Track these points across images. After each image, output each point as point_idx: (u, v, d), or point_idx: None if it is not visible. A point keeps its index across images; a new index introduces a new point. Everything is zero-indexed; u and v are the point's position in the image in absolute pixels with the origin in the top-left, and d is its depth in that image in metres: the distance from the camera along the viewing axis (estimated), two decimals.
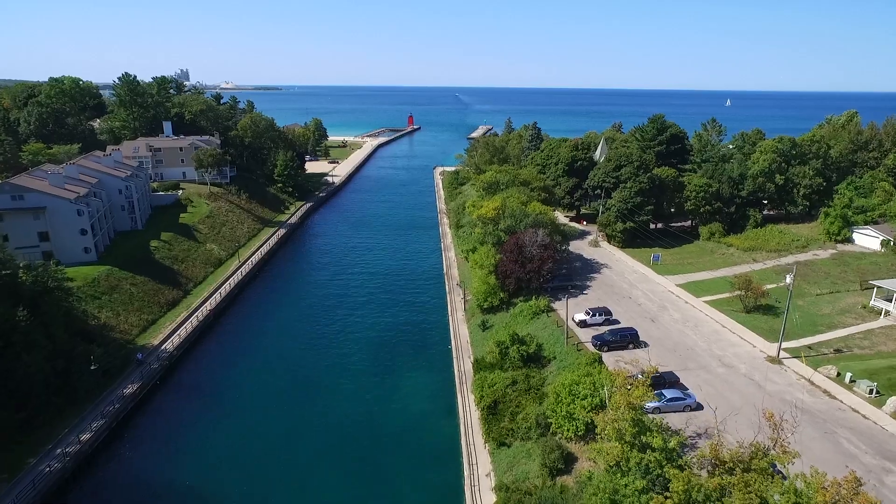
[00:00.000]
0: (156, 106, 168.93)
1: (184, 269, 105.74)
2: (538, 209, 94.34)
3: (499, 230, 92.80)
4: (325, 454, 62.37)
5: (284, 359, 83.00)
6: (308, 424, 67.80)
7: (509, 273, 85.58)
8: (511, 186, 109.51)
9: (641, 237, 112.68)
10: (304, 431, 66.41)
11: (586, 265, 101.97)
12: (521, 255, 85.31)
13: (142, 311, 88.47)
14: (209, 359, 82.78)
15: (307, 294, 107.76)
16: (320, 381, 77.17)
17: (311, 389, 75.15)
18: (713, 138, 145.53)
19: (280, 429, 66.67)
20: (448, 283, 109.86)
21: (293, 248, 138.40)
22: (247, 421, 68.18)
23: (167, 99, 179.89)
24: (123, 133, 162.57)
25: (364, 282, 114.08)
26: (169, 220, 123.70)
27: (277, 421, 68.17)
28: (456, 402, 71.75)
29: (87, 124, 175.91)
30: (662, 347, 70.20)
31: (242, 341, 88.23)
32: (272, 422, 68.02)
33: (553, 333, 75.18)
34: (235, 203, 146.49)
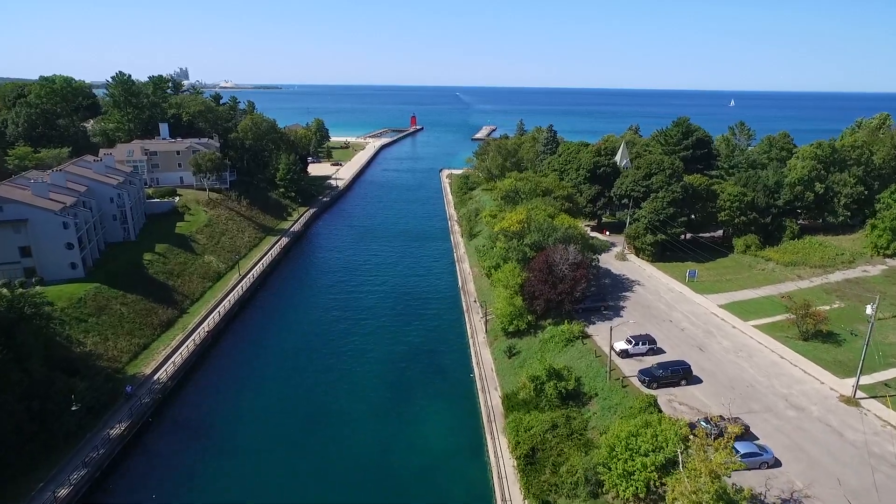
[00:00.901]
0: (152, 107, 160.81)
1: (180, 285, 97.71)
2: (567, 222, 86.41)
3: (524, 245, 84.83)
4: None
5: (289, 388, 75.06)
6: (316, 466, 60.00)
7: (538, 294, 77.68)
8: (533, 196, 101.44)
9: (671, 250, 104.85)
10: (313, 474, 58.61)
11: (616, 282, 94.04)
12: (551, 274, 77.39)
13: (133, 334, 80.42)
14: (207, 390, 74.74)
15: (312, 311, 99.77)
16: (329, 415, 69.28)
17: (318, 425, 67.23)
18: (740, 142, 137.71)
19: (286, 471, 58.83)
20: (465, 299, 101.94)
21: (297, 260, 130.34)
22: (248, 463, 60.30)
23: (164, 99, 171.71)
24: (117, 135, 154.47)
25: (373, 298, 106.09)
26: (164, 229, 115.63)
27: (283, 462, 60.30)
28: (483, 441, 63.93)
29: (81, 126, 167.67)
30: (718, 383, 62.29)
31: (243, 369, 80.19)
32: (277, 464, 60.12)
33: (592, 365, 67.26)
34: (235, 210, 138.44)
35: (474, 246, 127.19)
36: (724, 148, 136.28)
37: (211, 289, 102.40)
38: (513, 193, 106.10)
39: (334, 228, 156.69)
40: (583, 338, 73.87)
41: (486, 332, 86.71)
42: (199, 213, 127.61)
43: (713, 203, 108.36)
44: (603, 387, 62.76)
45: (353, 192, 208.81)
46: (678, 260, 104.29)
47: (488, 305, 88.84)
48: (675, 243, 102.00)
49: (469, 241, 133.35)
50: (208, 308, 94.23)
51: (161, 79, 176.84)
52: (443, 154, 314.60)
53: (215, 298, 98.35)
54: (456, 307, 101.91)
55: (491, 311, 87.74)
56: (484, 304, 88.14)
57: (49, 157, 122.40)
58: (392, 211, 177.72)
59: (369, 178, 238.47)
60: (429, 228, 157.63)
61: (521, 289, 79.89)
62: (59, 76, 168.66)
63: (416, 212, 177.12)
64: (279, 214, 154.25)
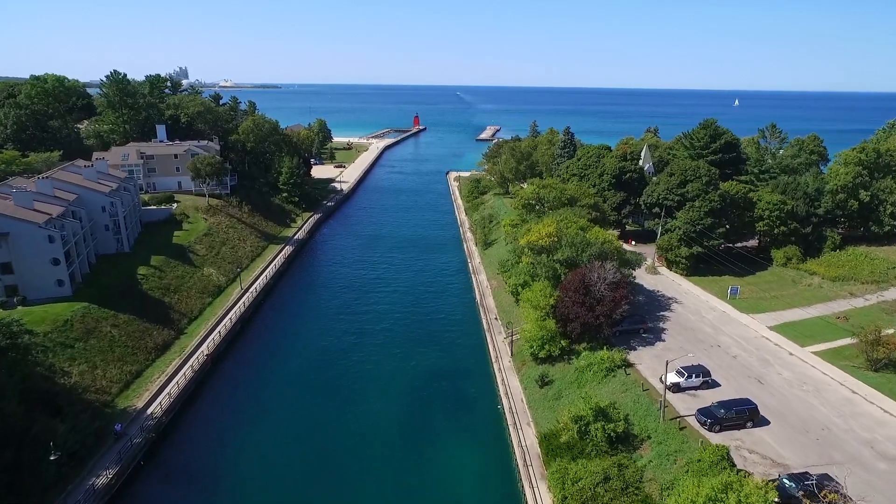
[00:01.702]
0: (148, 107, 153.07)
1: (177, 302, 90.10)
2: (601, 236, 78.79)
3: (554, 261, 77.18)
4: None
5: (295, 424, 67.44)
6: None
7: (573, 317, 70.09)
8: (558, 205, 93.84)
9: (705, 262, 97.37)
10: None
11: (652, 300, 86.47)
12: (588, 295, 69.80)
13: (124, 360, 72.79)
14: (205, 426, 67.10)
15: (317, 330, 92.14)
16: (340, 456, 61.78)
17: (328, 469, 59.68)
18: (772, 145, 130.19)
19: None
20: (484, 316, 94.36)
21: (301, 271, 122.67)
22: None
23: (161, 99, 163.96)
24: (112, 137, 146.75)
25: (384, 315, 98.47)
26: (161, 239, 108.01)
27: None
28: (519, 490, 56.38)
29: (74, 127, 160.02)
30: (788, 425, 54.72)
31: (245, 400, 72.54)
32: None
33: (640, 401, 59.70)
34: (237, 217, 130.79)
35: (491, 256, 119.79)
36: (754, 152, 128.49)
37: (210, 305, 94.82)
38: (535, 202, 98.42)
39: (340, 236, 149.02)
40: (625, 367, 66.32)
41: (512, 355, 79.15)
42: (198, 221, 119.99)
43: (750, 212, 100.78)
44: (656, 428, 55.22)
45: (357, 195, 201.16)
46: (713, 273, 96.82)
47: (513, 325, 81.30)
48: (713, 256, 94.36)
49: (484, 251, 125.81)
50: (208, 327, 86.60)
51: (158, 78, 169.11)
52: (448, 155, 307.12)
53: (215, 316, 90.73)
54: (475, 325, 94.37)
55: (517, 332, 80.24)
56: (510, 325, 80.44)
57: (38, 161, 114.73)
58: (399, 217, 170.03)
59: (374, 181, 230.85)
60: (439, 236, 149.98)
61: (553, 310, 72.34)
62: (51, 75, 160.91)
63: (424, 218, 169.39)
64: (282, 221, 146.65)
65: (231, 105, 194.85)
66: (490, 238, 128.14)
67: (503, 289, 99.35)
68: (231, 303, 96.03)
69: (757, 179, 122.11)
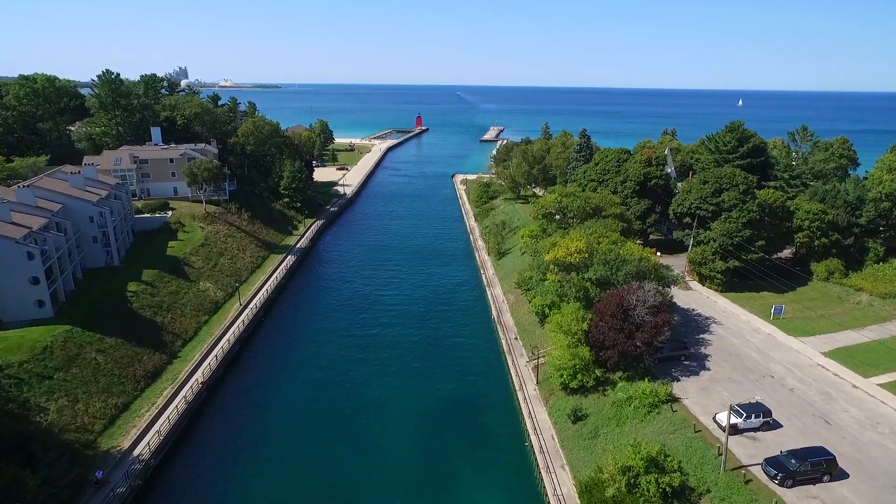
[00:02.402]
0: (143, 109, 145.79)
1: (170, 322, 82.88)
2: (636, 251, 71.59)
3: (585, 280, 69.96)
4: None
5: (296, 462, 60.39)
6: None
7: (609, 344, 62.87)
8: (583, 215, 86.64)
9: (739, 276, 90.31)
10: None
11: (688, 320, 79.24)
12: (627, 320, 62.59)
13: (110, 391, 65.59)
14: (198, 468, 59.90)
15: (321, 353, 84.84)
16: (345, 498, 54.70)
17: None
18: (803, 149, 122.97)
19: None
20: (503, 335, 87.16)
21: (304, 284, 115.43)
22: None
23: (157, 100, 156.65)
24: (104, 141, 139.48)
25: (393, 333, 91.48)
26: (154, 251, 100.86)
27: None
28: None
29: (66, 130, 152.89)
30: (870, 478, 47.49)
31: (242, 434, 65.35)
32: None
33: (694, 445, 52.48)
34: (235, 225, 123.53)
35: (505, 266, 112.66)
36: (784, 157, 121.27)
37: (207, 324, 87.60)
38: (557, 212, 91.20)
39: (343, 246, 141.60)
40: (671, 402, 59.12)
41: (538, 382, 71.97)
42: (194, 230, 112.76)
43: (788, 222, 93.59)
44: (716, 481, 48.01)
45: (360, 200, 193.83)
46: (750, 289, 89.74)
47: (538, 348, 74.11)
48: (752, 271, 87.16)
49: (498, 261, 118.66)
50: (203, 350, 79.37)
51: (154, 78, 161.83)
52: (453, 157, 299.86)
53: (212, 336, 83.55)
54: (492, 346, 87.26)
55: (542, 355, 73.08)
56: (535, 349, 73.21)
57: (23, 166, 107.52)
58: (405, 223, 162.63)
59: (377, 185, 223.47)
60: (448, 245, 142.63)
61: (586, 335, 65.16)
62: (41, 74, 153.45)
63: (431, 225, 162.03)
64: (284, 228, 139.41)
65: (230, 106, 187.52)
66: (504, 247, 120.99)
67: (522, 304, 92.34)
68: (229, 321, 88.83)
69: (788, 186, 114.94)
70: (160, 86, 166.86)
